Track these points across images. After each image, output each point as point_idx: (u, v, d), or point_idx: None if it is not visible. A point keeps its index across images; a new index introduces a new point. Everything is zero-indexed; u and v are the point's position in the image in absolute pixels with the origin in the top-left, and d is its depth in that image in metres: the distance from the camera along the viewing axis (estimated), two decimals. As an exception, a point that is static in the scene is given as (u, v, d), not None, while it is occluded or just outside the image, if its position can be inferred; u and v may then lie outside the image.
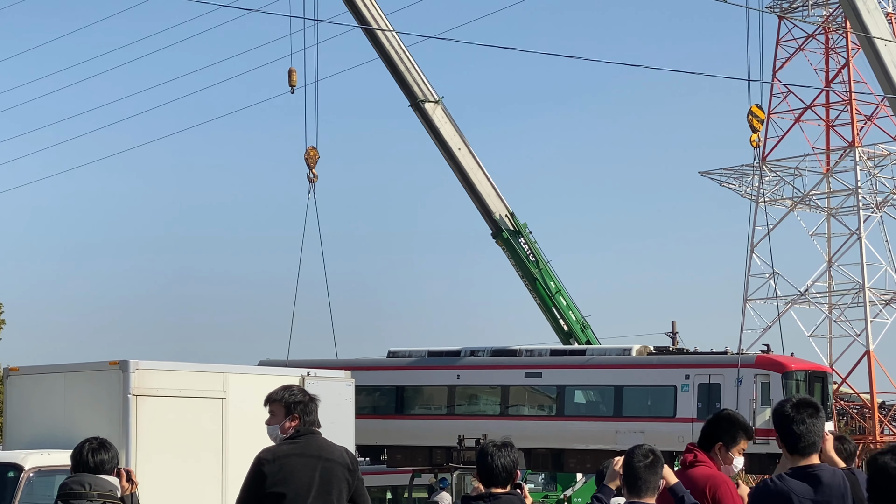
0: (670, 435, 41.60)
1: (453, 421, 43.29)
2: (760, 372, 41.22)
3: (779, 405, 7.53)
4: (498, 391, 45.76)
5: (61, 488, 9.45)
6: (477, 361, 46.00)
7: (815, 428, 7.37)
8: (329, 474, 9.18)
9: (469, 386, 46.22)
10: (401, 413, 46.78)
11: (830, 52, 67.32)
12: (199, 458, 17.83)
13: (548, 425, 44.33)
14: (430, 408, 46.96)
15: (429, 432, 44.59)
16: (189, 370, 18.33)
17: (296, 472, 9.11)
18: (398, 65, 45.89)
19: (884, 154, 64.95)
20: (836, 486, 7.32)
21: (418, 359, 47.27)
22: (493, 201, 47.83)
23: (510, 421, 43.65)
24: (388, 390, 46.87)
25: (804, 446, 7.36)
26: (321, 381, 19.34)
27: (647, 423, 42.14)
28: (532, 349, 45.83)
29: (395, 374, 46.90)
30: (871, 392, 63.27)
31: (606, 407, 44.22)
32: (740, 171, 67.98)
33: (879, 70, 38.12)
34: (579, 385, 44.73)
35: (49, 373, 18.41)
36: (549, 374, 44.60)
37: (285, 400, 9.37)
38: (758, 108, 37.48)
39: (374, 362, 47.13)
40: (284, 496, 9.07)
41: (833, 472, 7.42)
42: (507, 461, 8.64)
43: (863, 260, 64.28)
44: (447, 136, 46.78)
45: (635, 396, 43.32)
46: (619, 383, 43.41)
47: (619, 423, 42.90)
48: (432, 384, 46.84)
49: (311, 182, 42.58)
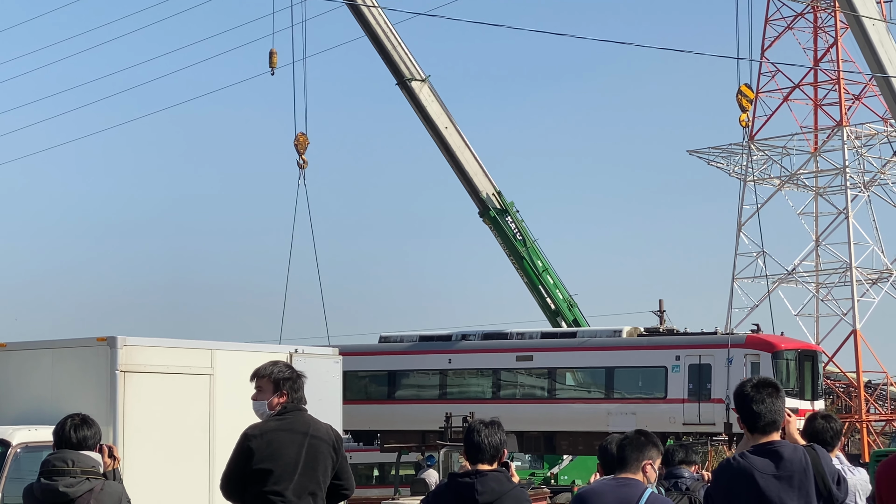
0: (661, 416, 41.74)
1: (445, 405, 43.37)
2: (750, 352, 41.30)
3: (739, 385, 7.77)
4: (489, 375, 45.86)
5: (43, 465, 9.44)
6: (468, 345, 46.10)
7: (774, 407, 7.60)
8: (315, 451, 9.18)
9: (461, 370, 46.31)
10: (393, 398, 46.86)
11: (819, 31, 67.33)
12: (186, 434, 17.85)
13: (539, 408, 44.42)
14: (422, 392, 47.04)
15: (421, 417, 44.66)
16: (177, 346, 18.34)
17: (283, 448, 9.11)
18: (384, 43, 45.84)
19: (871, 133, 65.01)
20: (797, 461, 7.50)
21: (410, 343, 47.35)
22: (479, 180, 47.89)
23: (502, 404, 43.74)
24: (380, 375, 46.94)
25: (764, 425, 7.58)
26: (308, 358, 19.36)
27: (638, 405, 42.27)
28: (523, 332, 45.92)
29: (387, 358, 46.96)
30: (858, 371, 63.47)
31: (598, 389, 44.33)
32: (728, 150, 68.05)
33: (867, 49, 38.17)
34: (570, 367, 44.85)
35: (37, 349, 18.41)
36: (540, 357, 44.68)
37: (273, 376, 9.37)
38: (747, 88, 37.43)
39: (365, 347, 47.18)
40: (271, 472, 9.07)
41: (794, 448, 7.59)
42: (495, 439, 8.67)
43: (850, 239, 64.41)
44: (434, 114, 46.78)
45: (626, 378, 43.41)
46: (609, 365, 43.52)
47: (610, 404, 43.02)
48: (424, 369, 46.95)
49: (300, 168, 42.49)
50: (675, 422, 41.74)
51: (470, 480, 8.55)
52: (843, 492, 7.68)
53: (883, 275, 65.20)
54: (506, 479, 8.57)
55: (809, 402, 41.20)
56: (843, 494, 7.68)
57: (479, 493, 8.47)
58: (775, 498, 7.42)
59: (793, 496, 7.43)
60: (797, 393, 41.28)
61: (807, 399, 41.58)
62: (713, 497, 7.75)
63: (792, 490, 7.43)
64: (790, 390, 40.51)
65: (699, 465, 14.70)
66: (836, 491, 7.55)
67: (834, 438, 9.93)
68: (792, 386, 41.20)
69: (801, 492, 7.44)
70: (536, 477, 46.19)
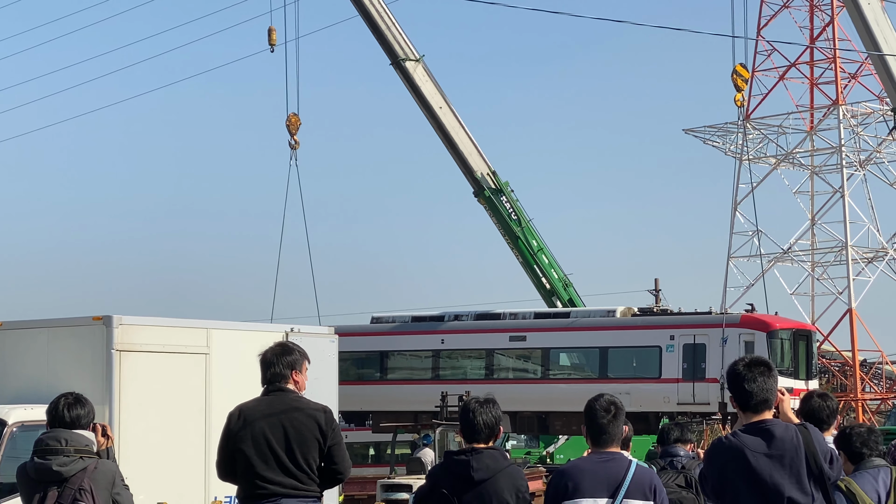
0: (656, 395, 41.78)
1: (438, 386, 43.36)
2: (745, 331, 41.33)
3: (731, 365, 7.83)
4: (483, 355, 45.85)
5: (37, 444, 9.45)
6: (461, 326, 46.09)
7: (766, 385, 7.65)
8: (297, 431, 9.08)
9: (454, 350, 46.29)
10: (385, 379, 46.86)
11: (815, 10, 67.26)
12: (182, 413, 17.87)
13: (533, 388, 44.42)
14: (414, 373, 47.05)
15: (414, 397, 44.63)
16: (173, 325, 18.34)
17: (257, 427, 9.08)
18: (378, 23, 45.71)
19: (867, 112, 64.94)
20: (788, 439, 7.55)
21: (402, 324, 47.33)
22: (474, 160, 47.85)
23: (495, 385, 43.68)
24: (373, 356, 46.89)
25: (756, 403, 7.64)
26: (305, 337, 19.34)
27: (632, 385, 42.24)
28: (516, 313, 45.89)
29: (379, 339, 46.93)
30: (853, 350, 63.55)
31: (591, 369, 44.35)
32: (724, 129, 67.99)
33: (863, 28, 38.15)
34: (564, 347, 44.82)
35: (32, 328, 18.41)
36: (533, 338, 44.68)
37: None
38: (742, 68, 37.33)
39: (357, 328, 47.13)
40: (245, 452, 9.08)
41: (786, 426, 7.64)
42: (490, 417, 8.72)
43: (846, 218, 64.40)
44: (428, 94, 46.70)
45: (620, 358, 43.42)
46: (603, 345, 43.50)
47: (604, 384, 42.93)
48: (416, 349, 46.93)
49: (292, 149, 42.35)
50: (669, 401, 41.79)
51: (465, 458, 8.61)
52: (836, 470, 7.73)
53: (878, 253, 65.22)
54: (501, 457, 8.64)
55: (804, 382, 41.28)
56: (836, 473, 7.72)
57: (474, 469, 8.53)
58: (766, 476, 7.46)
59: (784, 474, 7.47)
60: (791, 372, 41.33)
61: (801, 378, 41.65)
62: (706, 476, 7.78)
63: (783, 469, 7.47)
64: (784, 370, 40.55)
65: (694, 444, 14.73)
66: (828, 469, 7.58)
67: (830, 417, 9.96)
68: (786, 365, 41.24)
69: (793, 470, 7.48)
70: (532, 456, 46.26)
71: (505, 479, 8.53)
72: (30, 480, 9.42)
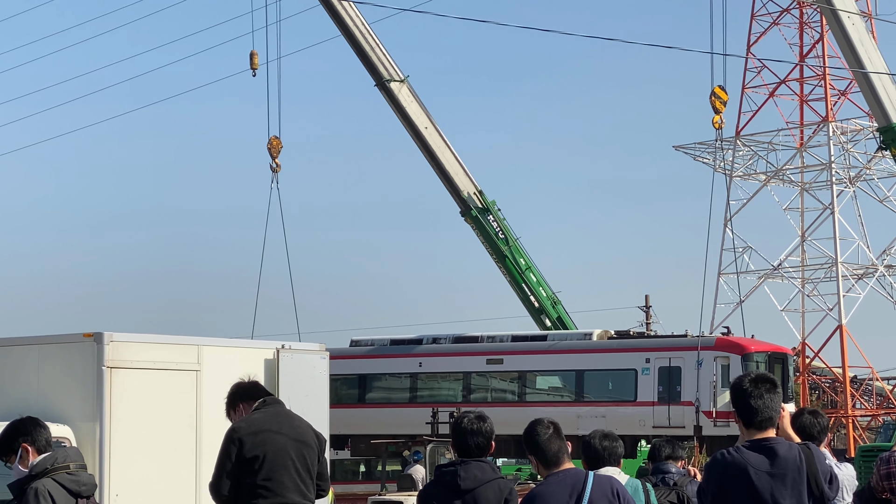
0: (631, 418, 41.72)
1: (416, 409, 43.34)
2: (720, 354, 41.27)
3: (737, 380, 7.71)
4: (460, 377, 45.87)
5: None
6: (439, 349, 46.13)
7: (772, 403, 7.57)
8: (305, 445, 9.32)
9: (431, 373, 46.29)
10: (364, 402, 46.81)
11: (805, 27, 67.49)
12: (173, 430, 17.81)
13: (510, 411, 44.19)
14: (392, 396, 47.02)
15: (392, 420, 44.58)
16: (164, 342, 18.29)
17: (272, 438, 9.29)
18: (362, 44, 45.56)
19: (857, 129, 65.14)
20: (791, 459, 7.48)
21: (380, 347, 47.34)
22: (461, 179, 47.82)
23: (472, 408, 43.50)
24: (351, 379, 46.75)
25: (760, 420, 7.55)
26: (296, 354, 19.32)
27: (608, 408, 42.22)
28: (493, 335, 45.92)
29: (358, 362, 46.83)
30: (843, 366, 63.65)
31: (568, 392, 44.39)
32: (714, 146, 68.11)
33: (846, 47, 38.25)
34: (540, 371, 44.86)
35: (22, 345, 18.36)
36: (510, 360, 44.69)
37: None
38: (721, 90, 37.06)
39: (336, 351, 46.91)
40: (263, 460, 9.24)
41: (789, 445, 7.57)
42: (482, 433, 8.78)
43: (836, 234, 64.58)
44: (413, 115, 46.63)
45: (596, 381, 43.43)
46: (579, 368, 43.50)
47: (580, 407, 42.86)
48: (395, 372, 46.92)
49: (273, 172, 42.21)
50: (644, 425, 41.68)
51: (453, 468, 8.73)
52: (835, 490, 7.70)
53: (868, 270, 65.37)
54: (490, 469, 8.72)
55: (780, 405, 41.19)
56: (835, 492, 7.70)
57: (461, 478, 8.64)
58: (767, 495, 7.41)
59: (785, 494, 7.42)
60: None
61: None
62: (705, 490, 7.73)
63: (784, 488, 7.42)
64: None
65: (686, 461, 14.74)
66: (828, 490, 7.56)
67: (821, 434, 9.97)
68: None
69: (794, 490, 7.43)
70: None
71: (492, 490, 8.62)
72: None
